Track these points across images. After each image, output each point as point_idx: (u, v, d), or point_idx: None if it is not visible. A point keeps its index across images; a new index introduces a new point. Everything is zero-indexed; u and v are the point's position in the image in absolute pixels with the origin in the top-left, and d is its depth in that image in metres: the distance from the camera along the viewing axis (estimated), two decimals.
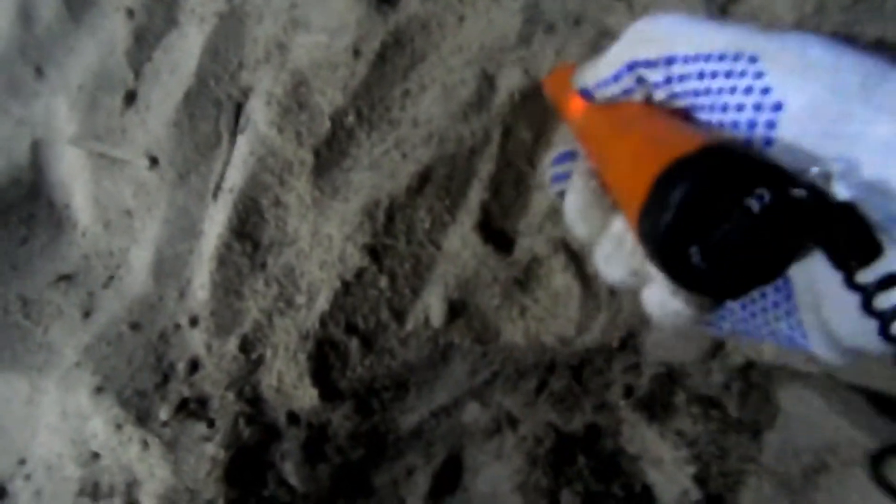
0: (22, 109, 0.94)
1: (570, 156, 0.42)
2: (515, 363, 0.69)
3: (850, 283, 0.23)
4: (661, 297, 0.29)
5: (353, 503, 0.67)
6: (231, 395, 0.69)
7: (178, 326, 0.75)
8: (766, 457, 0.60)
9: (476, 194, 0.72)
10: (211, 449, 0.66)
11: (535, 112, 0.71)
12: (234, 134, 0.81)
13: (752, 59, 0.29)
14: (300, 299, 0.72)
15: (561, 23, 0.74)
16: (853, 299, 0.24)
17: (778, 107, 0.28)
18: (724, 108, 0.30)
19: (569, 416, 0.66)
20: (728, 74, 0.30)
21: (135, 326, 0.76)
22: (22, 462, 0.75)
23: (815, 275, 0.28)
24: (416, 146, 0.74)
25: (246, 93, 0.83)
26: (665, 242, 0.23)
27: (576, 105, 0.43)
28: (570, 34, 0.74)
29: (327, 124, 0.77)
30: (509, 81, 0.73)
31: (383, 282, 0.71)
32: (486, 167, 0.72)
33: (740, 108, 0.29)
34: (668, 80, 0.32)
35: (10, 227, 0.88)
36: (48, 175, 0.91)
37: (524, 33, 0.74)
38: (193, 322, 0.74)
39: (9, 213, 0.88)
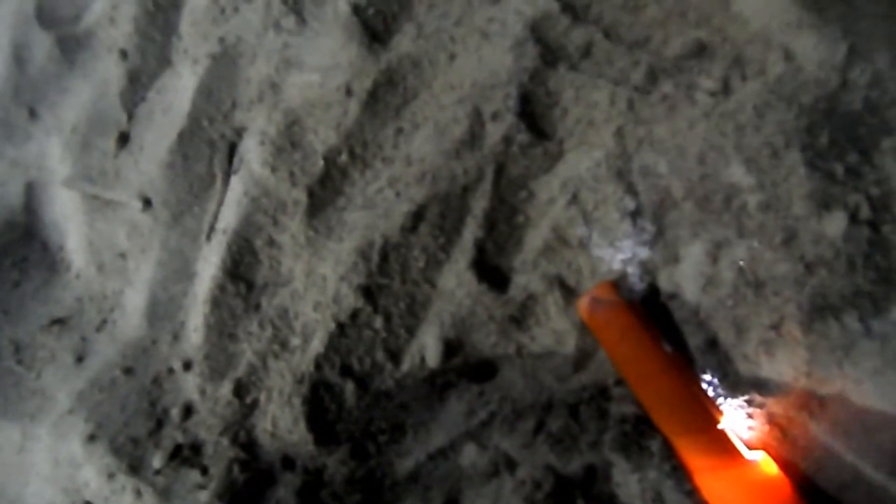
0: (15, 151, 0.94)
1: None
2: (513, 402, 0.69)
3: None
4: None
5: None
6: (225, 441, 0.68)
7: (171, 371, 0.74)
8: None
9: (470, 232, 0.71)
10: (205, 497, 0.65)
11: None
12: (227, 174, 0.81)
13: None
14: (295, 341, 0.71)
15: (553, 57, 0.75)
16: None
17: None
18: None
19: (567, 458, 0.65)
20: None
21: (128, 371, 0.75)
22: None
23: None
24: (409, 184, 0.73)
25: (240, 133, 0.83)
26: None
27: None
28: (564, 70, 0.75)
29: (321, 163, 0.76)
30: (502, 120, 0.73)
31: (378, 322, 0.70)
32: (479, 204, 0.71)
33: None
34: None
35: (2, 270, 0.87)
36: (42, 217, 0.90)
37: (515, 70, 0.75)
38: (187, 366, 0.73)
39: (2, 256, 0.88)
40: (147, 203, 0.83)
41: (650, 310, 0.61)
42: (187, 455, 0.68)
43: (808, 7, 0.63)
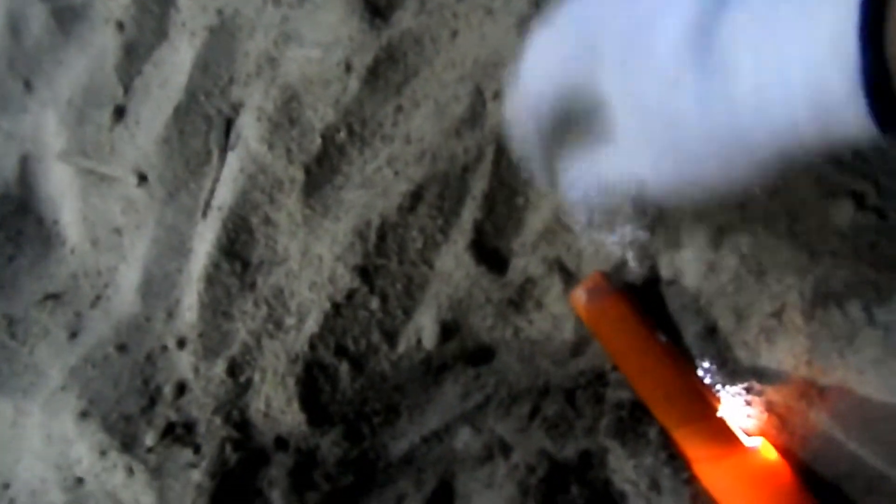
0: (10, 124, 0.93)
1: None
2: (509, 386, 0.68)
3: None
4: None
5: None
6: (218, 420, 0.67)
7: (165, 348, 0.73)
8: None
9: (469, 213, 0.70)
10: (197, 476, 0.65)
11: None
12: (224, 150, 0.80)
13: None
14: (289, 321, 0.70)
15: None
16: None
17: None
18: None
19: (562, 443, 0.65)
20: None
21: (121, 348, 0.74)
22: (6, 486, 0.74)
23: None
24: (408, 164, 0.72)
25: (236, 108, 0.82)
26: None
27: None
28: None
29: (318, 141, 0.75)
30: (503, 99, 0.72)
31: (374, 303, 0.69)
32: (479, 185, 0.70)
33: None
34: None
35: None
36: (37, 191, 0.90)
37: (519, 49, 0.73)
38: (181, 344, 0.73)
39: None
40: (142, 178, 0.82)
41: (645, 298, 0.61)
42: (180, 433, 0.68)
43: None
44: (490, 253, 0.70)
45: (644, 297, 0.61)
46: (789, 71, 0.32)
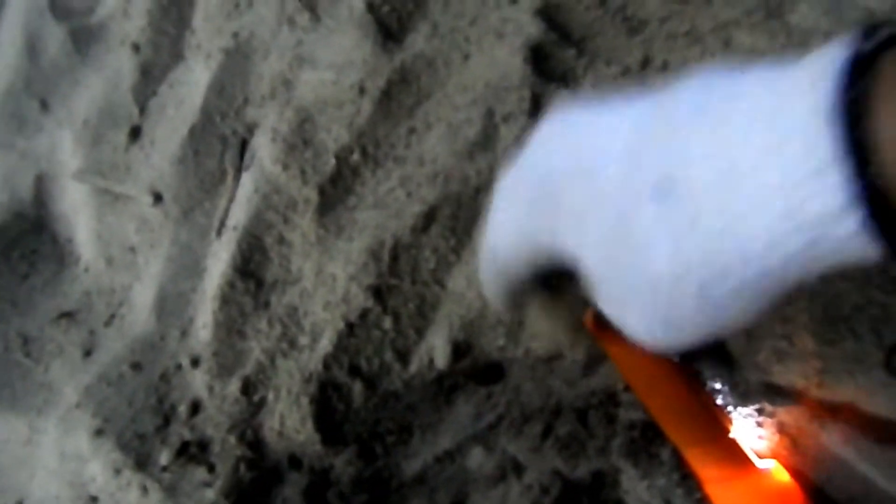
0: (26, 143, 0.94)
1: None
2: (521, 406, 0.68)
3: None
4: None
5: None
6: (232, 439, 0.68)
7: (179, 367, 0.74)
8: None
9: (481, 234, 0.71)
10: (211, 495, 0.65)
11: None
12: (238, 171, 0.81)
13: None
14: (303, 340, 0.71)
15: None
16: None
17: None
18: None
19: (575, 463, 0.65)
20: None
21: (136, 366, 0.75)
22: (19, 503, 0.74)
23: None
24: (421, 185, 0.73)
25: (251, 129, 0.83)
26: None
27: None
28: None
29: (332, 162, 0.76)
30: (515, 122, 0.73)
31: (387, 323, 0.70)
32: None
33: None
34: None
35: (11, 262, 0.87)
36: (52, 209, 0.90)
37: (526, 72, 0.74)
38: (195, 362, 0.73)
39: (11, 248, 0.88)
40: (157, 198, 0.83)
41: None
42: (194, 452, 0.68)
43: None
44: None
45: None
46: (759, 193, 0.27)
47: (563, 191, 0.36)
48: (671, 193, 0.30)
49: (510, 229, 0.40)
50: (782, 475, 0.57)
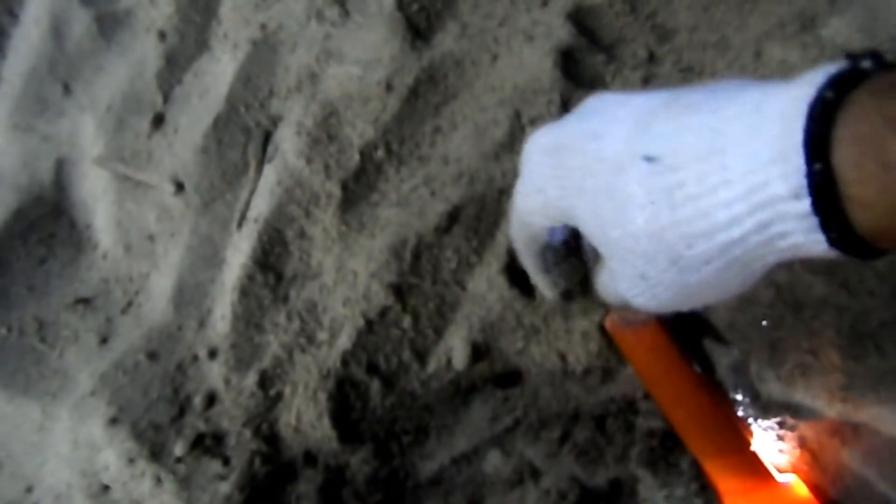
0: (47, 126, 0.93)
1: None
2: (538, 411, 0.68)
3: None
4: None
5: None
6: (248, 433, 0.67)
7: (196, 358, 0.73)
8: None
9: (504, 236, 0.71)
10: (225, 488, 0.64)
11: None
12: (261, 163, 0.80)
13: None
14: (322, 336, 0.70)
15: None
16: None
17: None
18: None
19: (592, 470, 0.65)
20: None
21: (152, 356, 0.74)
22: (29, 490, 0.73)
23: None
24: (445, 184, 0.73)
25: (275, 121, 0.82)
26: None
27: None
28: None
29: (356, 158, 0.76)
30: (542, 124, 0.72)
31: (407, 321, 0.69)
32: None
33: None
34: None
35: (29, 246, 0.87)
36: (71, 194, 0.90)
37: (555, 76, 0.74)
38: (212, 354, 0.73)
39: (29, 232, 0.87)
40: (179, 187, 0.82)
41: (679, 327, 0.61)
42: (209, 444, 0.68)
43: None
44: (523, 276, 0.70)
45: (678, 327, 0.61)
46: (730, 172, 0.31)
47: (574, 151, 0.40)
48: (659, 162, 0.34)
49: (532, 185, 0.45)
50: (801, 490, 0.56)
